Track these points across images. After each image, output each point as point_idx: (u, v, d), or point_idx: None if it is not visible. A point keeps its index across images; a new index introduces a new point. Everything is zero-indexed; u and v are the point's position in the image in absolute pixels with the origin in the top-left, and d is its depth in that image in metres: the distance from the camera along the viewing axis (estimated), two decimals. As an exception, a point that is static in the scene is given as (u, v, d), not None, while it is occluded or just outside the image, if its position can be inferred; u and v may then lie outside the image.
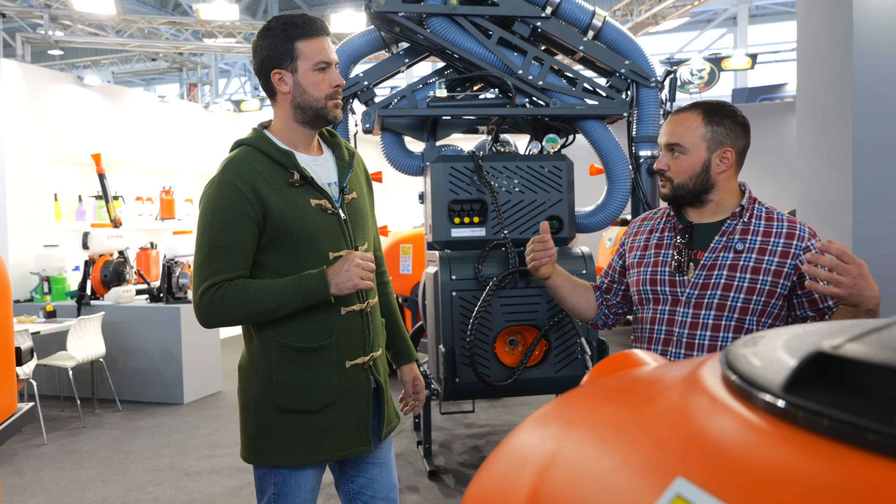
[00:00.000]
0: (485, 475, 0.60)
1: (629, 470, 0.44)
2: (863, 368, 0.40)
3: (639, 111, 3.94)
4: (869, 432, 0.35)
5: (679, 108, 1.90)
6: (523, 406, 5.29)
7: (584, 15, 3.90)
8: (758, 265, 1.76)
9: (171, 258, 5.88)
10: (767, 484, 0.36)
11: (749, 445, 0.40)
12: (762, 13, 21.88)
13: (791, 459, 0.37)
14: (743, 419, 0.43)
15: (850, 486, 0.34)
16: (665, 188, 1.87)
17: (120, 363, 5.92)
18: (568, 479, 0.47)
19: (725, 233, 1.81)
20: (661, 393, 0.52)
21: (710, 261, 1.80)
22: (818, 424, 0.38)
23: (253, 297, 1.72)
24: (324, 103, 1.81)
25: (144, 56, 12.64)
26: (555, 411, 0.61)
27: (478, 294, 3.45)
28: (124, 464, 4.31)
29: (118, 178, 8.10)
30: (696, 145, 1.81)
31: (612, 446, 0.48)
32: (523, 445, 0.59)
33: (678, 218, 1.90)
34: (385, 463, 2.01)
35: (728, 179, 1.84)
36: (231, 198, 1.73)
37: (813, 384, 0.42)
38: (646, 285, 1.90)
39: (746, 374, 0.46)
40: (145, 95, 8.65)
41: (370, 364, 1.88)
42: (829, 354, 0.41)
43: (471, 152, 3.78)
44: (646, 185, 3.98)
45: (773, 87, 18.33)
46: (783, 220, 1.82)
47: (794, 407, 0.40)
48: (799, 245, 1.77)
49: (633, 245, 2.00)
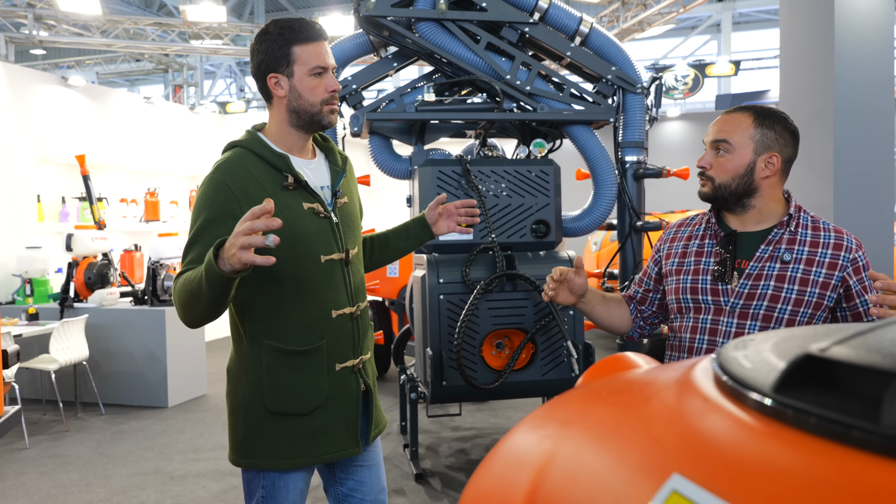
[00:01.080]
0: (483, 475, 0.62)
1: (626, 468, 0.45)
2: (848, 370, 0.42)
3: (625, 117, 3.98)
4: (854, 430, 0.37)
5: (730, 109, 1.86)
6: (509, 409, 5.31)
7: (572, 21, 3.93)
8: (805, 276, 1.73)
9: (156, 260, 5.84)
10: (760, 479, 0.38)
11: (741, 443, 0.42)
12: (745, 20, 22.13)
13: (781, 456, 0.39)
14: (735, 418, 0.44)
15: (837, 481, 0.35)
16: (705, 187, 1.84)
17: (103, 366, 5.87)
18: (566, 478, 0.49)
19: (772, 242, 1.77)
20: (655, 394, 0.54)
21: (755, 270, 1.76)
22: (807, 423, 0.40)
23: (185, 286, 1.62)
24: (319, 108, 1.82)
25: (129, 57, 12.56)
26: (551, 413, 0.63)
27: (465, 297, 3.46)
28: (108, 468, 4.27)
29: (102, 179, 8.04)
30: (743, 145, 1.77)
31: (609, 445, 0.49)
32: (521, 446, 0.61)
33: (720, 225, 1.86)
34: (374, 465, 2.02)
35: (772, 186, 1.80)
36: (219, 195, 1.72)
37: (801, 385, 0.44)
38: (686, 293, 1.86)
39: (738, 376, 0.48)
40: (130, 96, 8.60)
41: (359, 367, 1.89)
42: (816, 356, 0.43)
43: (459, 156, 3.80)
44: (632, 190, 4.02)
45: (757, 94, 18.53)
46: (830, 230, 1.78)
47: (784, 406, 0.42)
48: (847, 256, 1.74)
49: (669, 251, 1.96)
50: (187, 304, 1.62)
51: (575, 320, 3.63)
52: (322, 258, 1.81)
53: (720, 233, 1.85)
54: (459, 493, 3.74)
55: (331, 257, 1.82)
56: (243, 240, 1.44)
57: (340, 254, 1.85)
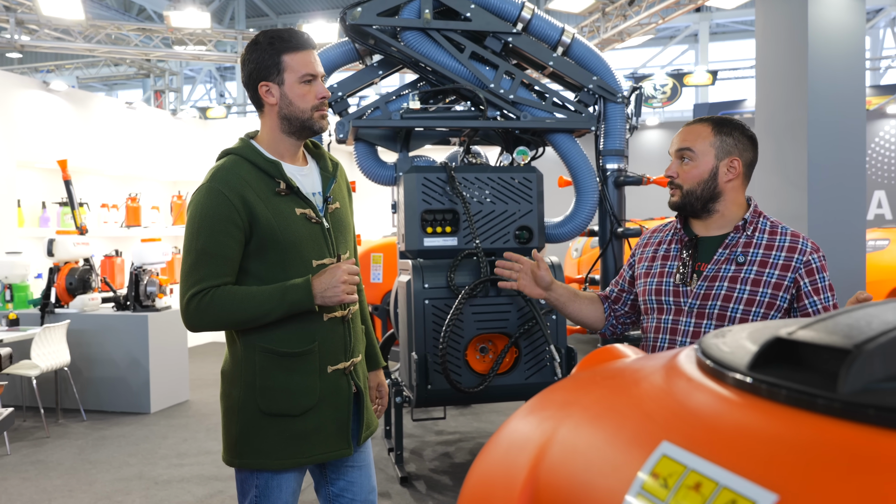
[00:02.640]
0: (488, 455, 0.67)
1: (621, 439, 0.51)
2: (812, 349, 0.48)
3: (606, 125, 4.07)
4: (818, 398, 0.43)
5: (690, 121, 1.98)
6: (492, 413, 5.37)
7: (554, 31, 4.02)
8: (758, 277, 1.82)
9: (139, 266, 5.83)
10: (737, 442, 0.44)
11: (722, 413, 0.48)
12: (722, 31, 22.48)
13: (757, 422, 0.45)
14: (716, 393, 0.51)
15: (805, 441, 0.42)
16: (674, 196, 1.94)
17: (85, 372, 5.84)
18: (567, 450, 0.54)
19: (728, 245, 1.87)
20: (645, 377, 0.60)
21: (712, 272, 1.85)
22: (778, 394, 0.46)
23: (239, 305, 1.77)
24: (310, 114, 1.87)
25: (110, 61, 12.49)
26: (550, 397, 0.69)
27: (450, 302, 3.52)
28: (91, 473, 4.26)
29: (83, 184, 8.00)
30: (705, 152, 1.88)
31: (605, 421, 0.55)
32: (523, 426, 0.66)
33: (685, 231, 1.96)
34: (364, 466, 2.06)
35: (735, 190, 1.90)
36: (219, 206, 1.77)
37: (772, 364, 0.50)
38: (651, 295, 1.96)
39: (718, 358, 0.54)
40: (112, 101, 8.57)
41: (351, 369, 1.94)
42: (784, 339, 0.50)
43: (443, 163, 3.86)
44: (613, 197, 4.10)
45: (733, 103, 18.80)
46: (786, 234, 1.87)
47: (758, 381, 0.48)
48: (800, 259, 1.82)
49: (641, 256, 2.07)
50: (242, 321, 1.80)
51: (557, 325, 3.70)
52: (314, 262, 1.86)
53: (684, 238, 1.95)
54: (444, 495, 3.79)
55: (322, 262, 1.87)
56: (352, 288, 1.81)
57: (332, 258, 1.90)
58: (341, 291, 1.78)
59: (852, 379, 0.43)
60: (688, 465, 0.44)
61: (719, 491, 0.41)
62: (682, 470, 0.44)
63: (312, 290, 1.78)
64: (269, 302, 1.77)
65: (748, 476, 0.41)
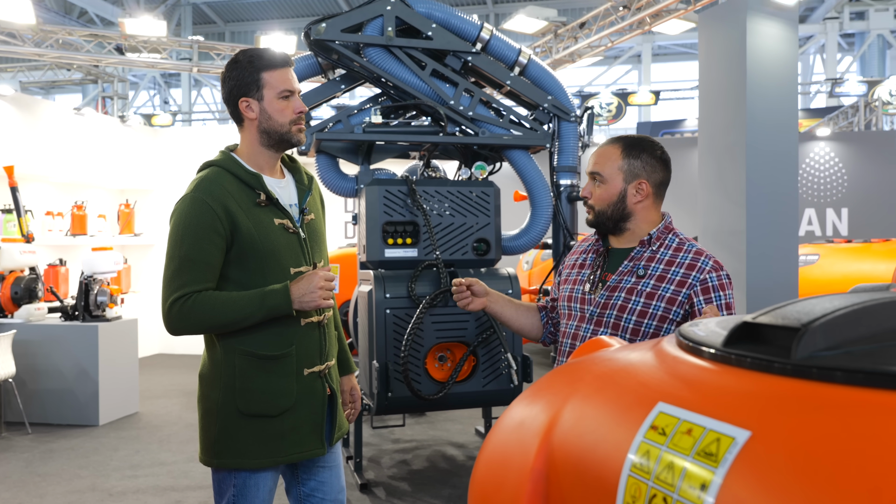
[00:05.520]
0: (499, 431, 0.79)
1: (624, 402, 0.64)
2: (770, 329, 0.62)
3: (560, 143, 4.25)
4: (776, 364, 0.57)
5: (604, 142, 2.06)
6: (447, 422, 5.47)
7: (511, 52, 4.19)
8: (653, 291, 1.88)
9: (89, 275, 5.74)
10: (717, 398, 0.56)
11: (704, 378, 0.61)
12: (664, 52, 23.34)
13: (731, 383, 0.59)
14: (698, 365, 0.64)
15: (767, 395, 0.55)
16: (589, 214, 2.04)
17: (30, 384, 5.70)
18: (578, 417, 0.66)
19: (633, 258, 1.94)
20: (636, 357, 0.73)
21: (614, 283, 1.93)
22: (744, 362, 0.59)
23: (220, 309, 1.85)
24: (288, 128, 1.97)
25: (56, 66, 12.19)
26: (552, 380, 0.81)
27: (410, 312, 3.62)
28: (41, 486, 4.18)
29: (28, 191, 7.79)
30: (613, 176, 1.96)
31: (608, 391, 0.67)
32: (530, 406, 0.78)
33: (602, 242, 2.06)
34: (334, 467, 2.15)
35: (645, 209, 1.97)
36: (202, 214, 1.85)
37: (739, 342, 0.64)
38: (565, 301, 2.07)
39: (697, 340, 0.67)
40: (59, 107, 8.39)
41: (326, 372, 2.03)
42: (750, 323, 0.63)
43: (404, 176, 3.97)
44: (566, 211, 4.29)
45: (674, 123, 19.52)
46: (691, 251, 1.93)
47: (730, 353, 0.61)
48: (697, 276, 1.87)
49: (566, 264, 2.18)
50: (223, 324, 1.87)
51: (514, 334, 3.84)
52: (291, 270, 1.95)
53: (601, 249, 2.05)
54: (404, 501, 3.87)
55: (299, 269, 1.97)
56: (329, 294, 1.91)
57: (308, 266, 2.00)
58: (318, 297, 1.87)
59: (801, 349, 0.57)
60: (680, 417, 0.57)
61: (706, 433, 0.54)
62: (676, 421, 0.57)
63: (290, 296, 1.86)
64: (249, 306, 1.85)
65: (727, 421, 0.53)
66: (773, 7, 4.94)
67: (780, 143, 4.93)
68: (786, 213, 4.96)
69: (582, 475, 0.62)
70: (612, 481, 0.57)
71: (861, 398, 0.50)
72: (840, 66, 20.47)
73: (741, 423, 0.52)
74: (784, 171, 4.95)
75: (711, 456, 0.52)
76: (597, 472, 0.60)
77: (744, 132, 4.80)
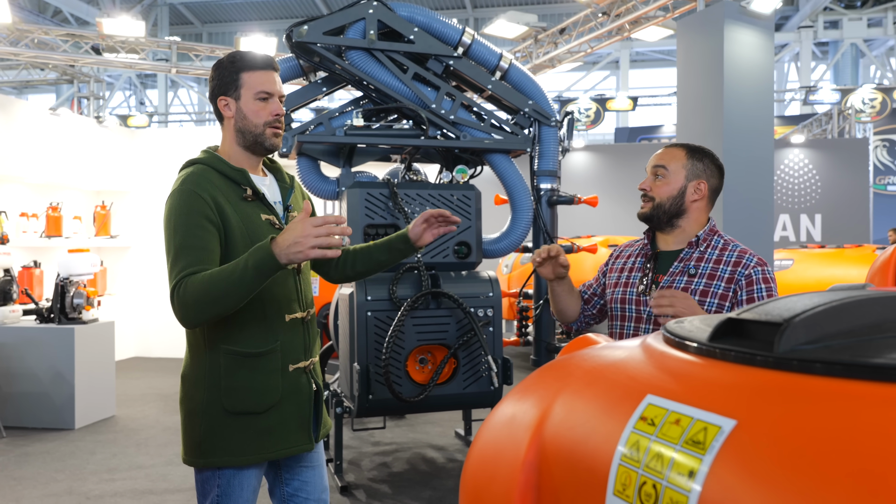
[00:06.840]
0: (489, 427, 0.80)
1: (614, 395, 0.66)
2: (753, 325, 0.65)
3: (540, 147, 4.29)
4: (759, 357, 0.59)
5: (668, 144, 2.20)
6: (427, 424, 5.48)
7: (493, 57, 4.23)
8: (706, 289, 2.02)
9: (65, 277, 5.67)
10: (704, 389, 0.59)
11: (691, 371, 0.63)
12: (642, 59, 23.59)
13: (717, 376, 0.61)
14: (684, 359, 0.66)
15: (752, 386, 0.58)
16: (644, 207, 2.14)
17: (4, 387, 5.61)
18: (569, 410, 0.68)
19: (683, 259, 2.07)
20: (624, 353, 0.75)
21: (667, 283, 2.07)
22: (728, 355, 0.62)
23: (211, 284, 1.75)
24: (262, 129, 1.98)
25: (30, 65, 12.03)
26: (541, 376, 0.83)
27: (392, 314, 3.63)
28: (16, 490, 4.12)
29: (2, 192, 7.69)
30: (677, 171, 2.10)
31: (598, 385, 0.70)
32: (521, 402, 0.80)
33: (651, 245, 2.17)
34: (318, 466, 2.16)
35: (698, 210, 2.11)
36: (192, 203, 1.84)
37: (724, 337, 0.66)
38: (617, 304, 2.17)
39: (683, 336, 0.70)
40: (34, 107, 8.28)
41: (310, 367, 2.04)
42: (734, 319, 0.66)
43: (385, 179, 3.98)
44: (546, 215, 4.32)
45: (651, 128, 19.73)
46: (736, 250, 2.07)
47: (716, 348, 0.64)
48: (742, 272, 2.02)
49: (612, 267, 2.27)
50: (218, 299, 1.74)
51: (494, 337, 3.86)
52: None
53: (649, 251, 2.16)
54: (384, 503, 3.87)
55: None
56: (323, 240, 1.70)
57: (294, 265, 2.00)
58: (306, 246, 1.69)
59: (783, 343, 0.60)
60: (669, 408, 0.59)
61: (693, 423, 0.56)
62: (664, 412, 0.59)
63: (273, 248, 1.72)
64: (235, 270, 1.74)
65: (714, 411, 0.56)
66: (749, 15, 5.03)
67: (756, 150, 5.02)
68: (761, 219, 5.05)
69: (573, 466, 0.64)
70: (602, 471, 0.60)
71: (839, 388, 0.53)
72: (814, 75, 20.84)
73: (727, 413, 0.55)
74: (760, 176, 5.04)
75: (699, 444, 0.54)
76: (588, 462, 0.62)
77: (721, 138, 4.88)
